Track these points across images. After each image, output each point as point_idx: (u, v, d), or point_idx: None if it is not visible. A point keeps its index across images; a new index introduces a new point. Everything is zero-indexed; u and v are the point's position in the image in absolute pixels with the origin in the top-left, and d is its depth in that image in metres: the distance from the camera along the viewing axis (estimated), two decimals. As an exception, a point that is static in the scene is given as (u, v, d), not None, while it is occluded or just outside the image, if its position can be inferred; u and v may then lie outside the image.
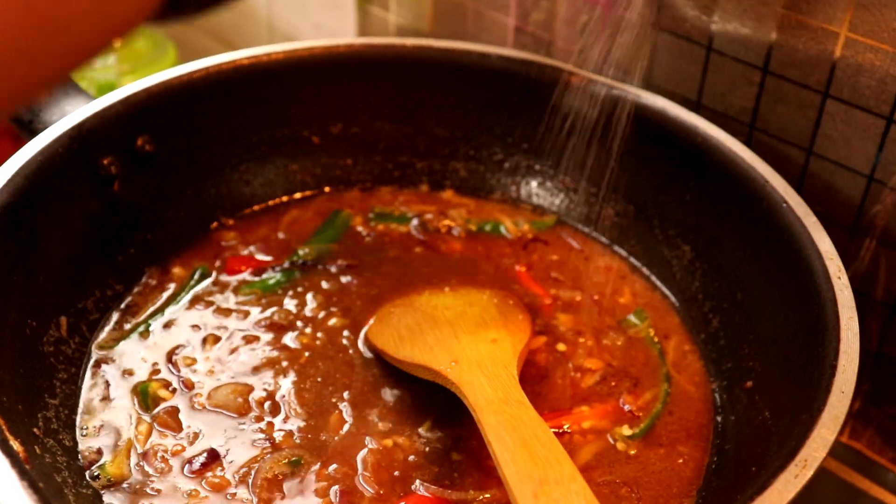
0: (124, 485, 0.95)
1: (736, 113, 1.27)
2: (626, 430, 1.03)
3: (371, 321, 1.13)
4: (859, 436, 1.28)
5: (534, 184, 1.32)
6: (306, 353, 1.09)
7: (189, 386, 1.05)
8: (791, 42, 1.16)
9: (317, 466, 0.98)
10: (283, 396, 1.04)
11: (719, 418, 1.05)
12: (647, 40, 1.21)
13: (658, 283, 1.21)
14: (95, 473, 0.96)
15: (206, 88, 1.22)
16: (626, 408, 1.05)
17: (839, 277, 0.97)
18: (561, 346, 1.12)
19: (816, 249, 1.00)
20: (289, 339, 1.11)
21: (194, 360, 1.08)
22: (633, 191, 1.26)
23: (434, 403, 1.04)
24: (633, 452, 1.01)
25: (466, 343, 1.02)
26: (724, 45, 1.23)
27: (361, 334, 1.12)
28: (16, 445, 0.81)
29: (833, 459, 1.21)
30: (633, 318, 1.16)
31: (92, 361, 1.07)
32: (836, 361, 0.88)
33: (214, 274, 1.19)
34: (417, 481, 0.97)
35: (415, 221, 1.28)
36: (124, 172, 1.15)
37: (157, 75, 1.19)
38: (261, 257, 1.22)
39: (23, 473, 0.75)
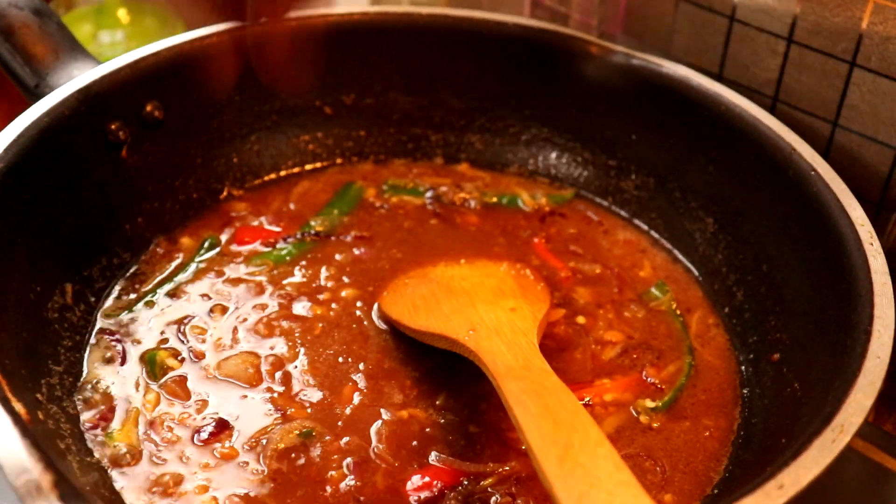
0: (130, 454, 0.92)
1: (759, 85, 1.24)
2: (650, 403, 1.00)
3: (385, 292, 1.10)
4: (884, 419, 1.24)
5: (551, 156, 1.29)
6: (319, 324, 1.06)
7: (198, 355, 1.02)
8: (817, 10, 1.12)
9: (329, 438, 0.95)
10: (296, 367, 1.01)
11: (745, 391, 1.02)
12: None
13: (680, 256, 1.18)
14: (101, 440, 0.92)
15: (218, 55, 1.18)
16: (650, 380, 1.02)
17: (871, 244, 0.94)
18: (580, 319, 1.09)
19: (847, 217, 0.97)
20: (301, 310, 1.08)
21: (203, 330, 1.04)
22: (653, 163, 1.22)
23: (450, 374, 1.01)
24: (656, 425, 0.98)
25: (484, 311, 0.99)
26: (747, 14, 1.19)
27: (375, 305, 1.09)
28: (18, 406, 0.77)
29: (860, 439, 1.17)
30: (654, 291, 1.13)
31: (97, 330, 1.04)
32: (871, 327, 0.85)
33: (224, 244, 1.16)
34: (434, 453, 0.94)
35: (429, 194, 1.25)
36: (133, 139, 1.12)
37: (167, 40, 1.16)
38: (272, 228, 1.19)
39: (25, 432, 0.72)
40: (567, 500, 0.70)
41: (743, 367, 1.04)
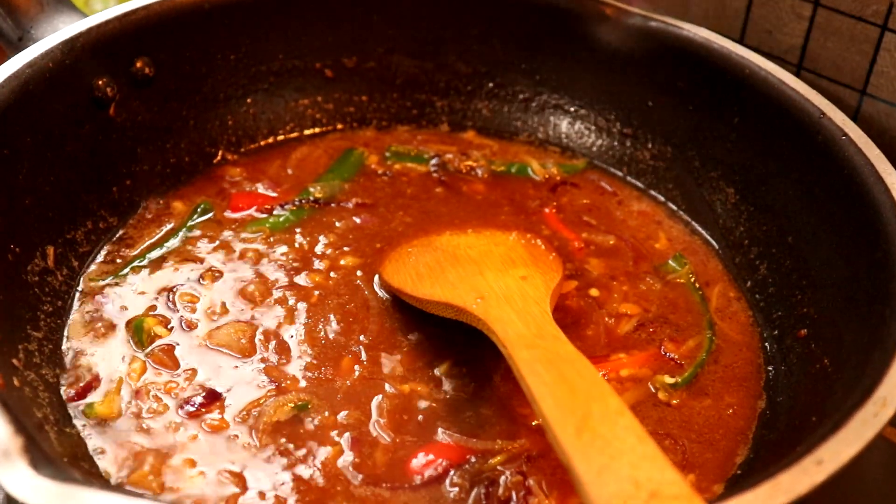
0: (113, 425, 0.85)
1: (782, 52, 1.18)
2: (668, 379, 0.94)
3: (386, 261, 1.03)
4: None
5: (563, 125, 1.23)
6: (317, 293, 1.00)
7: (188, 324, 0.95)
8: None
9: (326, 412, 0.89)
10: (292, 337, 0.95)
11: (770, 368, 0.96)
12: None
13: (698, 228, 1.12)
14: (81, 409, 0.86)
15: (212, 11, 1.13)
16: (669, 355, 0.96)
17: (910, 210, 0.87)
18: (594, 292, 1.03)
19: (882, 182, 0.91)
20: (299, 279, 1.01)
21: (194, 298, 0.98)
22: (671, 131, 1.16)
23: (456, 347, 0.95)
24: (675, 402, 0.92)
25: (493, 279, 0.93)
26: (770, -24, 1.14)
27: (377, 275, 1.03)
28: (-10, 369, 0.71)
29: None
30: (672, 263, 1.06)
31: (80, 295, 0.98)
32: (912, 296, 0.79)
33: (218, 210, 1.10)
34: (440, 429, 0.87)
35: (434, 161, 1.19)
36: (121, 96, 1.06)
37: (158, -7, 1.09)
38: (268, 194, 1.12)
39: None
40: (586, 474, 0.63)
41: (767, 344, 0.98)
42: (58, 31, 1.01)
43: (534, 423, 0.88)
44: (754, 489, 0.64)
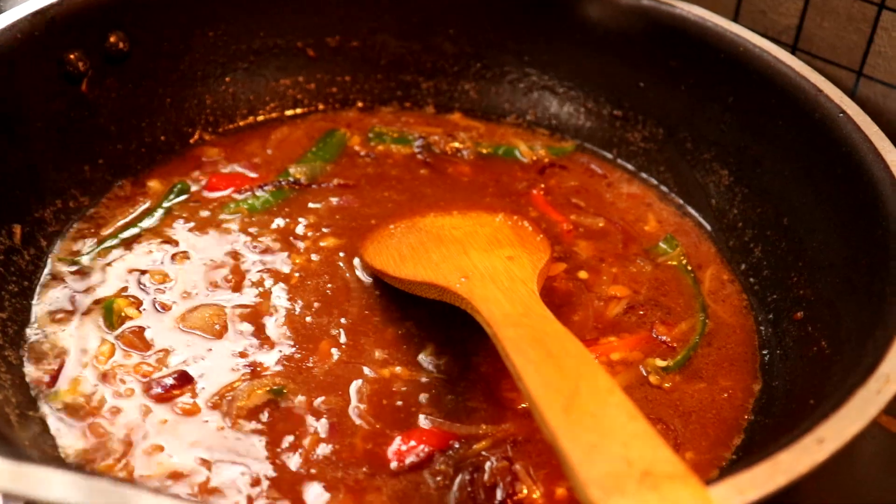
0: (78, 408, 0.81)
1: (777, 32, 1.15)
2: (660, 362, 0.90)
3: (368, 242, 1.00)
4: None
5: (552, 106, 1.19)
6: (296, 275, 0.96)
7: (160, 305, 0.92)
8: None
9: (303, 397, 0.85)
10: (269, 319, 0.91)
11: (765, 352, 0.92)
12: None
13: (690, 211, 1.09)
14: (46, 392, 0.82)
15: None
16: (661, 338, 0.92)
17: (910, 187, 0.84)
18: (582, 274, 0.99)
19: (882, 160, 0.87)
20: (278, 260, 0.98)
21: (167, 278, 0.95)
22: (663, 112, 1.13)
23: (440, 329, 0.91)
24: (667, 385, 0.89)
25: (478, 259, 0.89)
26: (765, -47, 1.11)
27: (359, 257, 0.99)
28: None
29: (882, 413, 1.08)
30: (663, 246, 1.03)
31: (48, 275, 0.94)
32: (915, 273, 0.75)
33: (195, 190, 1.06)
34: (422, 415, 0.84)
35: (419, 143, 1.15)
36: (94, 72, 1.02)
37: (134, -34, 1.06)
38: (247, 175, 1.09)
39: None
40: (574, 452, 0.60)
41: (762, 328, 0.94)
42: (27, 2, 0.97)
43: (520, 407, 0.85)
44: (752, 468, 0.60)
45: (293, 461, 0.79)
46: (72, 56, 1.00)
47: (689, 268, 1.01)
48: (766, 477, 0.60)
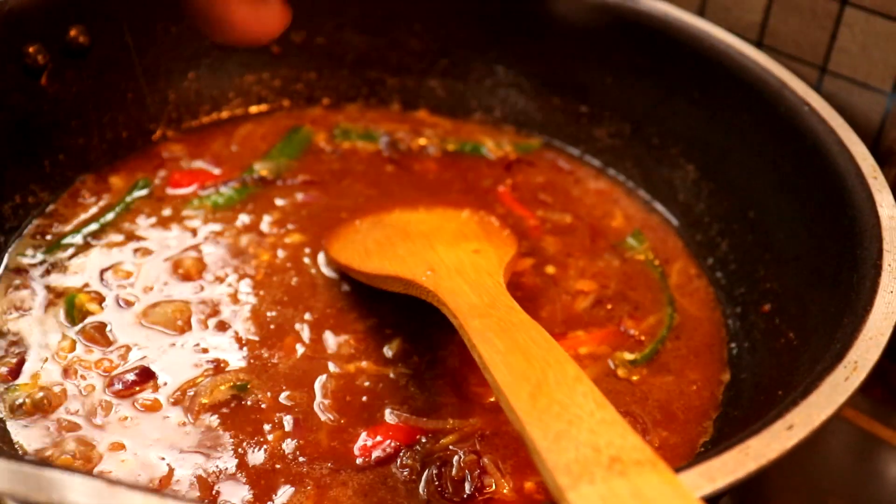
0: (36, 403, 0.80)
1: (742, 29, 1.15)
2: (628, 356, 0.90)
3: (333, 237, 0.99)
4: (873, 388, 1.16)
5: (518, 103, 1.19)
6: (261, 271, 0.95)
7: (123, 300, 0.90)
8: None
9: (267, 392, 0.83)
10: (233, 315, 0.90)
11: (733, 345, 0.92)
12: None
13: (657, 206, 1.08)
14: (5, 388, 0.80)
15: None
16: (629, 332, 0.92)
17: (875, 178, 0.85)
18: (550, 269, 0.99)
19: (847, 151, 0.87)
20: (242, 256, 0.97)
21: (129, 274, 0.93)
22: (629, 108, 1.13)
23: (406, 324, 0.90)
24: (635, 378, 0.88)
25: (444, 253, 0.88)
26: (730, -50, 1.11)
27: (323, 252, 0.98)
28: None
29: (850, 408, 1.08)
30: (630, 241, 1.03)
31: (6, 271, 0.92)
32: (881, 261, 0.76)
33: (157, 187, 1.04)
34: (387, 410, 0.83)
35: (384, 139, 1.14)
36: (54, 65, 1.01)
37: (95, -41, 1.04)
38: (211, 171, 1.07)
39: None
40: (542, 440, 0.59)
41: (730, 321, 0.94)
42: (-15, -5, 0.95)
43: (488, 402, 0.84)
44: (722, 455, 0.60)
45: (257, 456, 0.78)
46: (31, 49, 0.98)
47: (657, 262, 1.01)
48: (736, 463, 0.59)
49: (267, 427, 0.81)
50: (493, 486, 0.77)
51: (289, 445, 0.79)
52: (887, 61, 1.02)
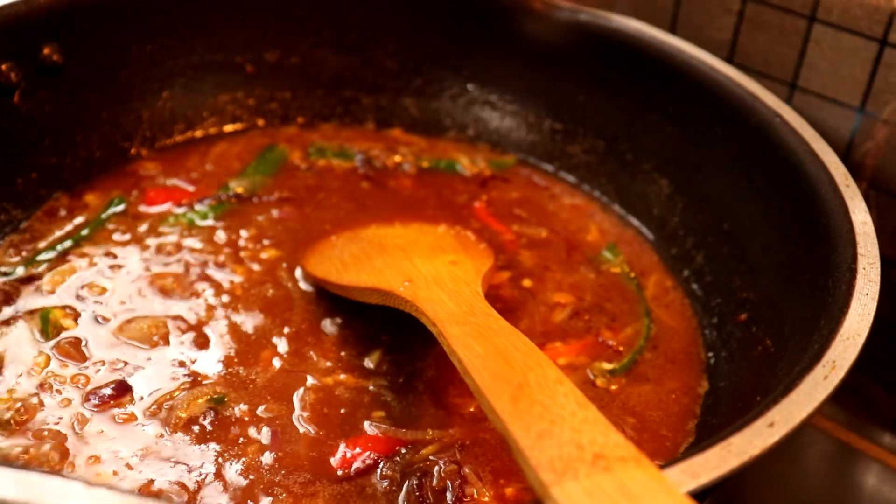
0: (9, 419, 0.79)
1: (713, 47, 1.16)
2: (606, 366, 0.90)
3: (309, 252, 0.98)
4: (847, 399, 1.16)
5: (492, 121, 1.19)
6: (237, 286, 0.95)
7: (98, 316, 0.89)
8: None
9: (245, 405, 0.83)
10: (209, 330, 0.89)
11: (710, 354, 0.92)
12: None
13: (632, 221, 1.09)
14: (-23, 403, 0.80)
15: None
16: (607, 343, 0.92)
17: (847, 185, 0.86)
18: (527, 282, 0.99)
19: (819, 161, 0.89)
20: (218, 272, 0.96)
21: (104, 290, 0.92)
22: (602, 124, 1.13)
23: (384, 337, 0.90)
24: (614, 388, 0.88)
25: (421, 264, 0.88)
26: (700, -30, 1.12)
27: (300, 267, 0.98)
28: None
29: (825, 419, 1.09)
30: (606, 254, 1.03)
31: (-20, 287, 0.91)
32: (855, 265, 0.77)
33: (132, 204, 1.04)
34: (366, 421, 0.82)
35: (359, 157, 1.14)
36: (27, 83, 1.00)
37: (69, -22, 1.04)
38: (186, 189, 1.07)
39: None
40: (524, 439, 0.59)
41: (706, 331, 0.95)
42: (-42, 12, 0.95)
43: (468, 412, 0.84)
44: (705, 452, 0.60)
45: (235, 469, 0.77)
46: (3, 67, 0.98)
47: (632, 275, 1.01)
48: (719, 460, 0.59)
49: (244, 440, 0.80)
50: (475, 495, 0.77)
51: (267, 458, 0.79)
52: (856, 77, 1.04)
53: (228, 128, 1.17)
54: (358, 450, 0.80)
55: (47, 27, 1.01)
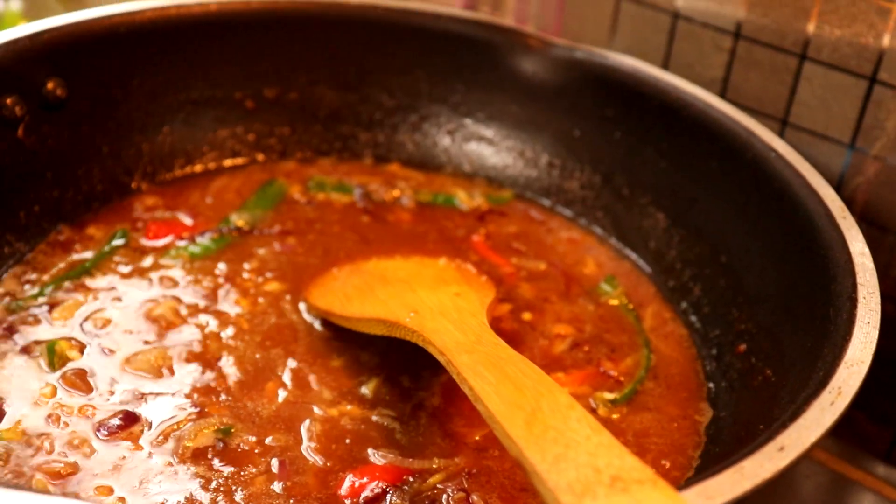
0: (20, 451, 0.79)
1: (705, 84, 1.19)
2: (608, 395, 0.91)
3: (312, 285, 0.99)
4: (844, 431, 1.18)
5: (489, 156, 1.21)
6: (241, 318, 0.95)
7: (104, 347, 0.90)
8: (765, 2, 1.08)
9: (252, 436, 0.83)
10: (216, 362, 0.90)
11: (711, 384, 0.93)
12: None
13: (629, 253, 1.11)
14: (-15, 435, 0.80)
15: (129, 35, 1.09)
16: (608, 373, 0.93)
17: (844, 217, 0.87)
18: (527, 315, 1.00)
19: (815, 194, 0.90)
20: (223, 304, 0.97)
21: (109, 321, 0.93)
22: (599, 159, 1.15)
23: (389, 366, 0.91)
24: (615, 416, 0.89)
25: (425, 296, 0.89)
26: (692, 10, 1.14)
27: (304, 299, 0.98)
28: None
29: (822, 451, 1.10)
30: (604, 286, 1.05)
31: (-16, 319, 0.91)
32: (856, 294, 0.78)
33: (134, 238, 1.04)
34: (373, 451, 0.83)
35: (358, 191, 1.15)
36: (31, 118, 1.01)
37: (72, 14, 1.05)
38: (187, 223, 1.08)
39: None
40: (541, 463, 0.60)
41: (706, 362, 0.96)
42: (-37, 46, 0.96)
43: (474, 440, 0.84)
44: (718, 475, 0.61)
45: (244, 498, 0.77)
46: (8, 101, 0.99)
47: (631, 307, 1.02)
48: (732, 483, 0.60)
49: (253, 470, 0.80)
50: (484, 522, 0.78)
51: (276, 487, 0.79)
52: (846, 114, 1.06)
53: (228, 162, 1.18)
54: (366, 479, 0.80)
55: (51, 62, 1.02)
